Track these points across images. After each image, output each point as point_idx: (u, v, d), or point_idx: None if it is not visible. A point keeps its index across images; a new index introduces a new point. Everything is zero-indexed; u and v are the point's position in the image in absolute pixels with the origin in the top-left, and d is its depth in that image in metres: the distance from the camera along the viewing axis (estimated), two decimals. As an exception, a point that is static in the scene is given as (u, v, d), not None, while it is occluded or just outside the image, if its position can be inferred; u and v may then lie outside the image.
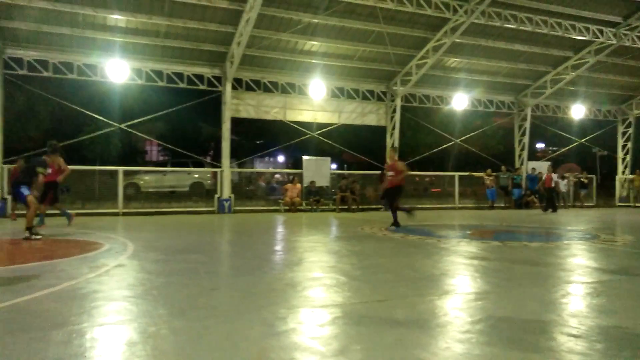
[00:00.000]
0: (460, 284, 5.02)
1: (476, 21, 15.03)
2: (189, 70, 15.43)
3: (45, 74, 14.04)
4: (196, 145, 30.05)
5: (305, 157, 17.97)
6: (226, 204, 15.66)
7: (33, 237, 8.00)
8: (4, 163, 13.60)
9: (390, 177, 10.90)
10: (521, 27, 15.61)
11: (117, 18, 13.29)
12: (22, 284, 4.79)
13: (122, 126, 17.19)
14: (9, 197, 12.88)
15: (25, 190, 8.34)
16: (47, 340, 3.04)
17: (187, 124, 28.23)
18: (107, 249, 7.06)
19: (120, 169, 15.05)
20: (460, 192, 19.78)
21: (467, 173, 20.66)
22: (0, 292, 4.53)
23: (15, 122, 19.35)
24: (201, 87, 15.80)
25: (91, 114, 16.94)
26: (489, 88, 19.47)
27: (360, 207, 17.00)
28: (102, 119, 17.15)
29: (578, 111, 21.85)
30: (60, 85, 18.91)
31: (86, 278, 4.97)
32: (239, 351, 2.91)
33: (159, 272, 5.49)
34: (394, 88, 18.25)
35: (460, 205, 19.80)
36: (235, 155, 17.53)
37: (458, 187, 19.74)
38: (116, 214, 14.23)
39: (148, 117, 18.06)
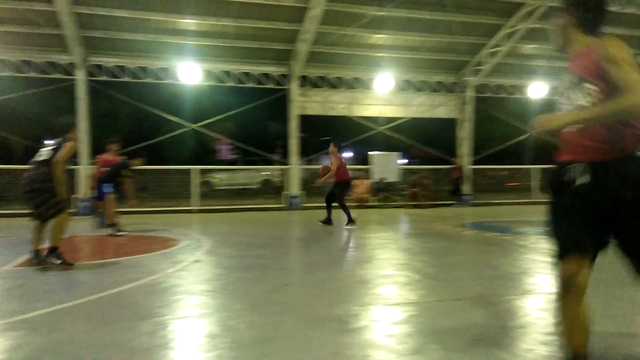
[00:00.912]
0: (541, 283, 4.75)
1: (553, 4, 14.19)
2: (256, 69, 15.75)
3: (124, 79, 14.89)
4: (265, 143, 30.65)
5: (372, 153, 17.81)
6: (295, 201, 15.86)
7: (119, 233, 8.52)
8: (92, 164, 14.54)
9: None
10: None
11: (188, 22, 13.80)
12: (110, 277, 5.10)
13: (195, 126, 17.87)
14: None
15: (106, 188, 8.89)
16: (135, 330, 3.21)
17: (255, 122, 28.87)
18: (185, 245, 7.36)
19: (194, 167, 15.66)
20: (538, 186, 18.79)
21: (545, 166, 19.59)
22: (90, 285, 4.85)
23: (99, 125, 20.65)
24: (268, 85, 16.08)
25: (166, 115, 17.75)
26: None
27: (431, 202, 16.61)
28: (176, 120, 17.92)
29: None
30: (138, 89, 19.95)
31: (166, 273, 5.20)
32: (313, 347, 2.91)
33: (234, 267, 5.64)
34: (465, 78, 17.63)
35: (538, 200, 18.86)
36: (303, 152, 17.69)
37: (536, 180, 18.77)
38: (190, 211, 14.84)
39: (218, 117, 18.63)
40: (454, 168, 17.48)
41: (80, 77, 14.05)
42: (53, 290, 4.57)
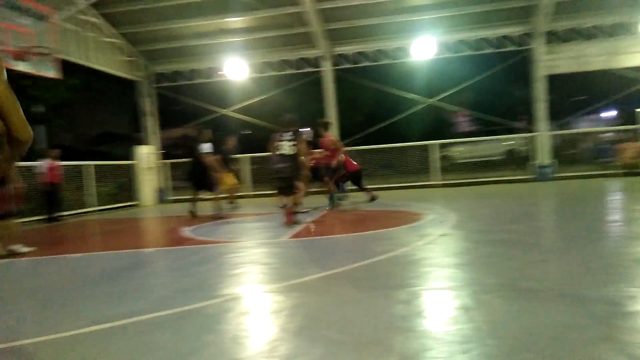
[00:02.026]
0: None
1: None
2: (494, 33, 14.79)
3: (364, 63, 15.82)
4: (506, 111, 28.71)
5: (642, 110, 14.97)
6: (545, 171, 14.50)
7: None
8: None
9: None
10: None
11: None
12: (365, 249, 5.56)
13: (431, 101, 17.88)
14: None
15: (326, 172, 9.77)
16: (391, 298, 3.44)
17: (494, 90, 27.24)
18: (431, 219, 7.50)
19: (433, 142, 15.72)
20: None
21: None
22: (350, 255, 5.38)
23: (343, 110, 22.47)
24: (508, 48, 14.96)
25: (403, 93, 18.22)
26: None
27: None
28: (413, 96, 18.23)
29: None
30: (376, 72, 20.93)
31: (416, 245, 5.40)
32: (579, 325, 2.65)
33: (483, 241, 5.51)
34: None
35: None
36: (552, 116, 15.98)
37: None
38: (431, 186, 14.99)
39: (455, 89, 18.23)
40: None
41: (326, 68, 15.47)
42: (320, 258, 5.23)
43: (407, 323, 2.92)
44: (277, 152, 7.96)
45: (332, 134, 9.71)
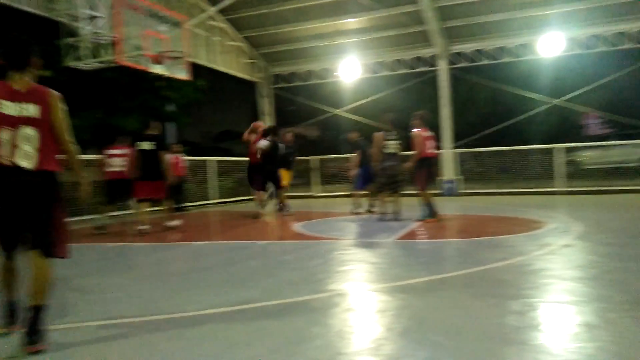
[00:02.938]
0: None
1: None
2: (633, 27, 13.30)
3: (482, 62, 15.09)
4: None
5: None
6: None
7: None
8: (455, 148, 15.42)
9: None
10: None
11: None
12: (478, 255, 5.33)
13: (557, 101, 16.57)
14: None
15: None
16: (504, 308, 3.26)
17: (632, 90, 24.55)
18: (552, 228, 6.96)
19: (558, 146, 14.54)
20: None
21: None
22: (461, 260, 5.19)
23: (459, 110, 21.70)
24: (652, 42, 13.35)
25: (524, 93, 17.11)
26: None
27: None
28: (535, 96, 17.04)
29: None
30: (495, 70, 19.93)
31: (534, 255, 5.05)
32: None
33: (612, 255, 4.99)
34: None
35: None
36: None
37: None
38: (555, 193, 13.89)
39: (585, 88, 16.71)
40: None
41: (442, 67, 15.04)
42: (428, 262, 5.11)
43: (520, 335, 2.75)
44: (385, 151, 8.06)
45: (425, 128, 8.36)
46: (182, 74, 10.88)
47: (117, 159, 8.17)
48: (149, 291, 4.15)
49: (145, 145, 7.77)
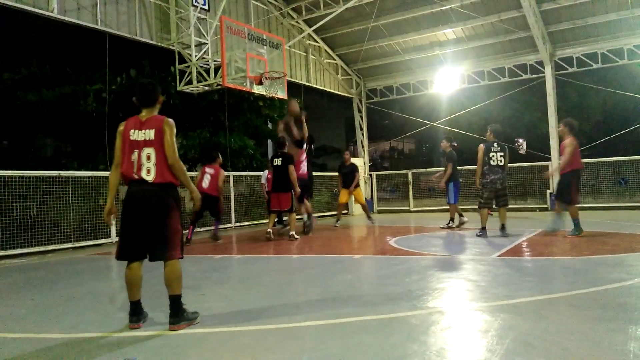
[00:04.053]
0: None
1: None
2: None
3: (594, 66, 13.97)
4: None
5: None
6: None
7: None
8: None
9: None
10: None
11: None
12: (593, 274, 4.90)
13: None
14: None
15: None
16: (624, 333, 2.97)
17: None
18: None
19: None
20: None
21: None
22: (571, 279, 4.81)
23: (567, 116, 20.34)
24: None
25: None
26: None
27: None
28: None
29: None
30: (609, 75, 18.40)
31: (658, 276, 4.55)
32: None
33: None
34: None
35: None
36: None
37: None
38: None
39: None
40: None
41: (548, 73, 14.17)
42: (533, 280, 4.80)
43: (645, 365, 2.49)
44: (491, 164, 7.80)
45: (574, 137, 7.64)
46: (280, 93, 11.33)
47: (207, 176, 8.80)
48: (250, 301, 4.33)
49: (276, 162, 8.83)
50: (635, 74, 19.70)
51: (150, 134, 3.46)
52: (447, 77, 15.63)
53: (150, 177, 3.44)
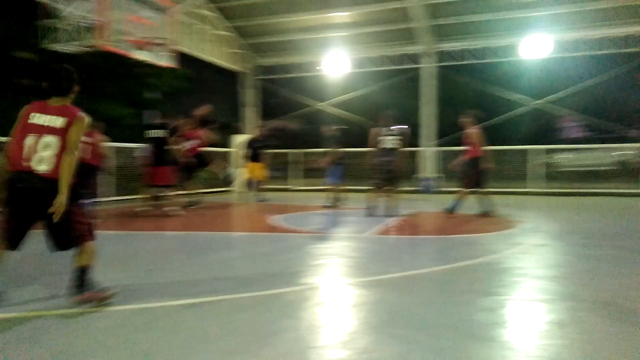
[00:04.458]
0: None
1: None
2: (617, 32, 13.48)
3: (469, 61, 15.22)
4: (622, 118, 26.28)
5: None
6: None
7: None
8: (439, 145, 15.54)
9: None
10: None
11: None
12: (452, 252, 5.39)
13: (535, 104, 16.82)
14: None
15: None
16: (475, 305, 3.30)
17: (611, 94, 25.01)
18: (524, 228, 7.07)
19: (535, 147, 14.76)
20: None
21: None
22: (434, 257, 5.24)
23: (443, 109, 21.83)
24: (633, 49, 13.56)
25: (506, 94, 17.33)
26: None
27: None
28: (516, 98, 17.27)
29: None
30: (479, 70, 20.10)
31: (506, 253, 5.14)
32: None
33: (583, 256, 5.10)
34: None
35: None
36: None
37: None
38: (531, 194, 14.12)
39: (562, 92, 17.01)
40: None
41: (428, 65, 15.09)
42: (403, 257, 5.16)
43: (490, 332, 2.79)
44: (381, 146, 8.18)
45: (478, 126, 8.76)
46: (166, 62, 10.71)
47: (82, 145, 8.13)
48: (123, 280, 4.09)
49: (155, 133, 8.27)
50: (501, 72, 21.80)
51: (56, 121, 3.09)
52: (336, 60, 15.95)
53: (42, 168, 3.03)
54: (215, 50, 15.37)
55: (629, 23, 13.41)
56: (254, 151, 11.52)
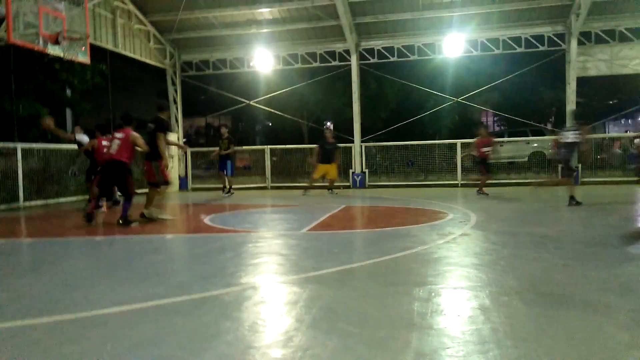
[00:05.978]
0: None
1: None
2: (527, 32, 14.49)
3: (393, 59, 15.65)
4: (536, 112, 28.30)
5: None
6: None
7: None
8: (364, 142, 15.87)
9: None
10: None
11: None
12: (386, 245, 5.53)
13: (459, 100, 17.65)
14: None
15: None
16: (412, 295, 3.41)
17: (525, 90, 26.80)
18: (452, 218, 7.42)
19: (458, 141, 15.50)
20: None
21: None
22: (369, 250, 5.35)
23: (368, 105, 22.36)
24: (541, 48, 14.61)
25: (429, 90, 18.06)
26: None
27: None
28: (439, 94, 18.04)
29: None
30: (403, 68, 20.77)
31: (436, 244, 5.35)
32: (602, 338, 2.59)
33: (505, 243, 5.43)
34: None
35: None
36: (583, 118, 15.62)
37: None
38: (455, 185, 14.83)
39: (483, 88, 17.99)
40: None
41: (353, 61, 15.36)
42: (337, 252, 5.22)
43: (425, 320, 2.90)
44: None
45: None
46: (81, 57, 10.13)
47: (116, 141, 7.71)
48: (48, 290, 3.83)
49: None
50: (422, 69, 22.66)
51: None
52: (263, 56, 15.83)
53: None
54: (137, 46, 14.76)
55: (537, 24, 14.43)
56: (325, 152, 12.42)
